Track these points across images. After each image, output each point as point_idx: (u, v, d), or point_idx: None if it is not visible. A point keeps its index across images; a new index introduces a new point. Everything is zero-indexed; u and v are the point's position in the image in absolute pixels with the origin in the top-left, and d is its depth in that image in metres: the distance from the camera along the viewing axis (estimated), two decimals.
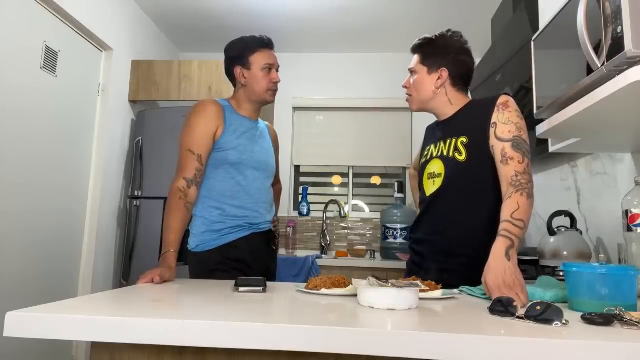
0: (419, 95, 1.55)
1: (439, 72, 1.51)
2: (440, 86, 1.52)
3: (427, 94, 1.53)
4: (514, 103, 1.40)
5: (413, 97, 1.57)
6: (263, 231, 1.73)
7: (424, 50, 1.55)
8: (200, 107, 1.66)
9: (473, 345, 0.69)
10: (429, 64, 1.53)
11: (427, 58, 1.53)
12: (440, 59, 1.51)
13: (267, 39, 1.75)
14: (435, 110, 1.57)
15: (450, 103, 1.53)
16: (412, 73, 1.57)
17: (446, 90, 1.52)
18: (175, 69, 3.25)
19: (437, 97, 1.53)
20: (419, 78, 1.54)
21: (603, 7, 1.05)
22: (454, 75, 1.51)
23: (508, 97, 1.42)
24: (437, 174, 1.49)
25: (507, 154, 1.33)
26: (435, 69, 1.52)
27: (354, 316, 0.86)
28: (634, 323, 0.80)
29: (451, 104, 1.53)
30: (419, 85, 1.54)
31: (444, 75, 1.51)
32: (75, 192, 2.73)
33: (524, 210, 1.24)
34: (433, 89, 1.52)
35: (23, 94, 2.27)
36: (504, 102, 1.40)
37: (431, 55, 1.53)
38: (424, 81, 1.53)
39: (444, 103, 1.53)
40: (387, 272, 2.97)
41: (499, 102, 1.40)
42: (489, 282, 1.13)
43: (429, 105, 1.55)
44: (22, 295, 2.29)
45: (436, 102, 1.54)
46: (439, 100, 1.53)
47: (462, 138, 1.45)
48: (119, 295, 1.03)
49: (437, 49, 1.53)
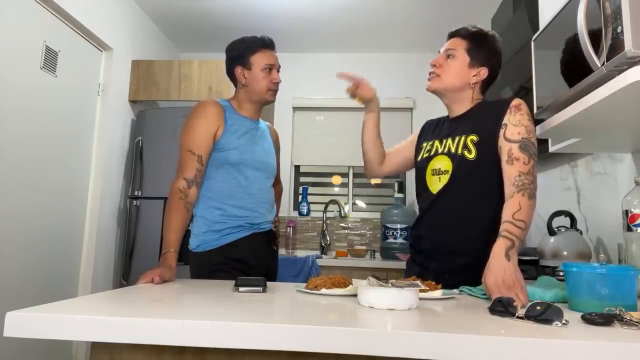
0: (448, 81, 1.49)
1: (479, 69, 1.48)
2: (475, 83, 1.49)
3: (459, 83, 1.49)
4: (526, 106, 1.40)
5: (441, 77, 1.50)
6: (264, 231, 1.73)
7: (474, 40, 1.50)
8: (201, 107, 1.66)
9: (473, 345, 0.69)
10: (474, 56, 1.48)
11: (474, 50, 1.49)
12: (487, 57, 1.49)
13: (268, 40, 1.75)
14: (454, 102, 1.53)
15: (470, 102, 1.51)
16: (449, 56, 1.50)
17: (474, 90, 1.50)
18: (175, 69, 3.25)
19: (464, 91, 1.50)
20: (458, 64, 1.49)
21: (603, 7, 1.05)
22: (489, 78, 1.50)
23: (521, 100, 1.41)
24: (443, 170, 1.48)
25: (514, 154, 1.33)
26: (478, 65, 1.48)
27: (354, 316, 0.86)
28: (634, 323, 0.80)
29: (470, 102, 1.51)
30: (455, 71, 1.49)
31: (482, 74, 1.49)
32: (75, 192, 2.73)
33: (526, 210, 1.24)
34: (467, 82, 1.48)
35: (23, 94, 2.28)
36: (516, 105, 1.39)
37: (479, 49, 1.49)
38: (462, 70, 1.49)
39: (466, 98, 1.51)
40: (387, 272, 2.97)
41: (512, 105, 1.40)
42: (489, 282, 1.13)
43: (453, 93, 1.51)
44: (22, 295, 2.29)
45: (462, 95, 1.50)
46: (465, 95, 1.50)
47: (472, 136, 1.44)
48: (119, 295, 1.03)
49: (487, 46, 1.50)
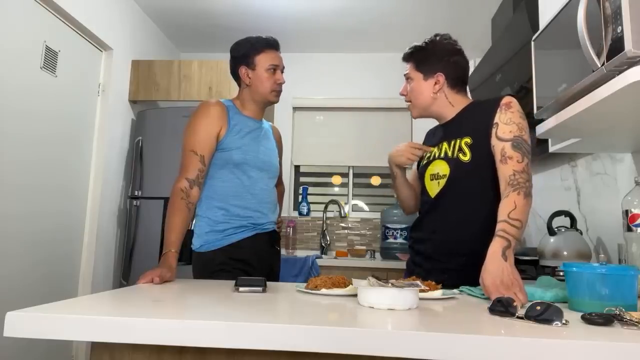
0: (419, 102, 1.54)
1: (435, 77, 1.51)
2: (439, 91, 1.51)
3: (426, 100, 1.53)
4: (516, 104, 1.40)
5: (413, 103, 1.56)
6: (267, 232, 1.73)
7: (415, 57, 1.54)
8: (204, 107, 1.66)
9: (473, 345, 0.69)
10: (424, 70, 1.52)
11: (420, 65, 1.53)
12: (434, 65, 1.51)
13: (273, 40, 1.75)
14: (436, 115, 1.56)
15: (451, 105, 1.53)
16: (408, 80, 1.56)
17: (445, 94, 1.52)
18: (175, 69, 3.25)
19: (436, 102, 1.53)
20: (415, 85, 1.54)
21: (603, 7, 1.05)
22: (451, 77, 1.51)
23: (511, 97, 1.41)
24: (441, 174, 1.49)
25: (507, 153, 1.33)
26: (431, 75, 1.51)
27: (354, 316, 0.86)
28: (634, 323, 0.80)
29: (452, 105, 1.53)
30: (417, 92, 1.54)
31: (441, 80, 1.51)
32: (75, 192, 2.73)
33: (521, 209, 1.24)
34: (431, 94, 1.52)
35: (23, 94, 2.27)
36: (506, 103, 1.40)
37: (424, 61, 1.52)
38: (420, 87, 1.53)
39: (444, 106, 1.53)
40: (387, 272, 2.97)
41: (502, 103, 1.40)
42: (487, 282, 1.13)
43: (429, 110, 1.55)
44: (22, 295, 2.29)
45: (436, 106, 1.53)
46: (439, 104, 1.53)
47: (465, 139, 1.45)
48: (119, 295, 1.03)
49: (429, 55, 1.52)
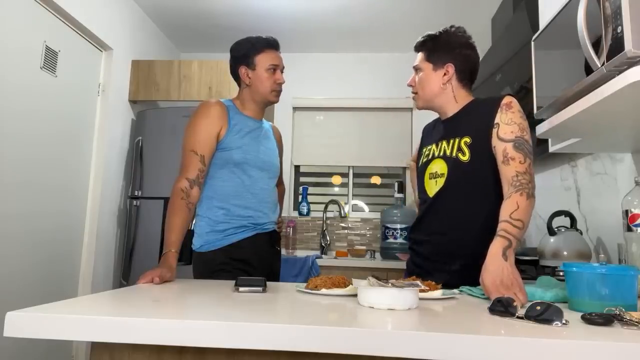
0: (425, 93, 1.53)
1: (444, 67, 1.50)
2: (447, 82, 1.50)
3: (433, 91, 1.52)
4: (517, 104, 1.40)
5: (419, 94, 1.55)
6: (267, 232, 1.73)
7: (427, 46, 1.53)
8: (204, 107, 1.66)
9: (473, 345, 0.69)
10: (434, 60, 1.51)
11: (431, 54, 1.52)
12: (445, 55, 1.50)
13: (273, 40, 1.75)
14: (440, 108, 1.55)
15: (455, 100, 1.52)
16: (417, 71, 1.55)
17: (452, 87, 1.51)
18: (175, 69, 3.25)
19: (443, 94, 1.52)
20: (424, 75, 1.53)
21: (603, 7, 1.05)
22: (460, 70, 1.50)
23: (511, 97, 1.41)
24: (439, 174, 1.49)
25: (509, 154, 1.33)
26: (441, 65, 1.50)
27: (354, 316, 0.86)
28: (634, 323, 0.80)
29: (456, 101, 1.52)
30: (425, 82, 1.52)
31: (450, 71, 1.50)
32: (75, 192, 2.73)
33: (523, 210, 1.24)
34: (440, 85, 1.51)
35: (23, 94, 2.27)
36: (507, 103, 1.39)
37: (436, 51, 1.51)
38: (429, 78, 1.52)
39: (449, 100, 1.52)
40: (387, 272, 2.97)
41: (503, 103, 1.39)
42: (487, 282, 1.13)
43: (435, 102, 1.54)
44: (22, 295, 2.29)
45: (442, 98, 1.52)
46: (445, 96, 1.52)
47: (465, 138, 1.45)
48: (119, 295, 1.03)
49: (441, 45, 1.51)
